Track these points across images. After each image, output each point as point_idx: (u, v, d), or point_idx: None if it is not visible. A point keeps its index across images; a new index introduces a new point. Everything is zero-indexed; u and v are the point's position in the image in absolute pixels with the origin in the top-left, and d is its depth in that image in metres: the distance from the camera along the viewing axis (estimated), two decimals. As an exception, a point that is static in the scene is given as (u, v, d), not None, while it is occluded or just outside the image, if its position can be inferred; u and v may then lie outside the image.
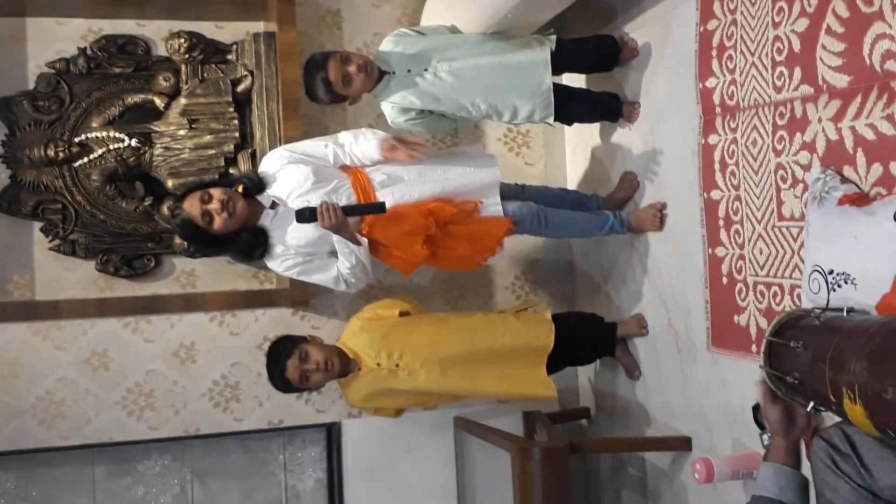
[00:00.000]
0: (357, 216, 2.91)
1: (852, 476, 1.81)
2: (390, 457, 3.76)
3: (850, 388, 1.75)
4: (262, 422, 3.71)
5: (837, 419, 1.88)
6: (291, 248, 2.98)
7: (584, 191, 3.68)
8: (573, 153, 3.94)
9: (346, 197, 2.95)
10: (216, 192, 2.85)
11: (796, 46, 2.42)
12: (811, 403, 1.94)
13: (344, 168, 3.08)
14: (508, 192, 3.25)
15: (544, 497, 2.91)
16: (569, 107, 3.30)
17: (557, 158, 4.03)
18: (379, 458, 3.75)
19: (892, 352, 1.70)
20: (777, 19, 2.50)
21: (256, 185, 2.97)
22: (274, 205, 2.97)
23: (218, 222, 2.83)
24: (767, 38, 2.55)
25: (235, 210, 2.85)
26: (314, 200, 2.89)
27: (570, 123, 3.48)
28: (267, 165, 3.03)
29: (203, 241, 2.96)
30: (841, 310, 2.02)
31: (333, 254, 3.00)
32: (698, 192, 2.92)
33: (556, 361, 3.25)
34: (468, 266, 3.20)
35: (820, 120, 2.32)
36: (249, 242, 2.95)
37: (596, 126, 3.64)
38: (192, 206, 2.83)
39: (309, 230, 2.91)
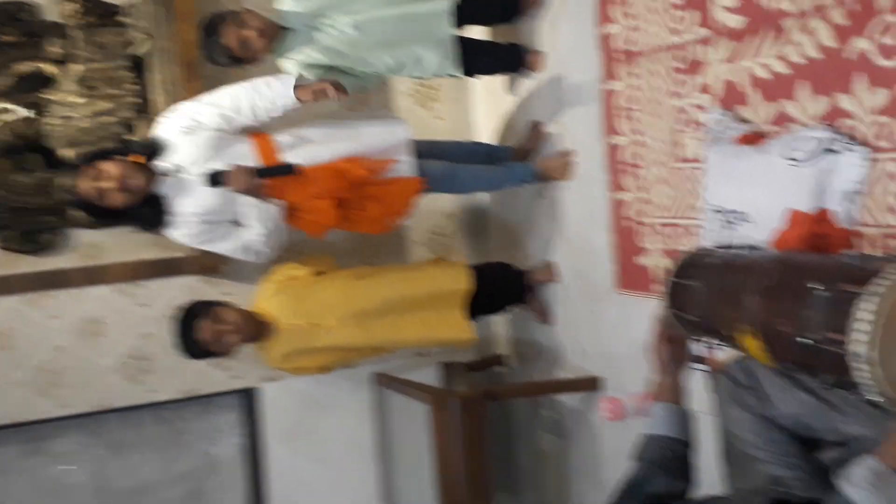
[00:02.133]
0: (266, 178, 2.86)
1: (754, 407, 1.88)
2: (310, 418, 3.76)
3: (748, 323, 1.81)
4: (177, 391, 3.65)
5: (739, 354, 1.95)
6: (193, 217, 2.90)
7: (494, 142, 3.70)
8: (482, 105, 3.95)
9: (251, 162, 2.89)
10: (109, 168, 2.74)
11: (691, -10, 2.46)
12: (713, 340, 2.02)
13: (247, 132, 3.01)
14: (419, 150, 3.23)
15: (463, 445, 2.95)
16: (474, 58, 3.28)
17: (467, 111, 4.03)
18: (299, 420, 3.75)
19: (786, 286, 1.76)
20: (671, -36, 2.53)
21: (152, 151, 2.88)
22: (172, 171, 2.88)
23: (114, 199, 2.74)
24: (663, -16, 2.58)
25: (130, 185, 2.76)
26: (217, 166, 2.83)
27: (475, 75, 3.47)
28: (164, 130, 2.93)
29: (102, 216, 2.87)
30: (739, 247, 2.09)
31: (236, 222, 2.94)
32: (602, 139, 2.96)
33: (471, 311, 3.28)
34: (380, 228, 3.18)
35: (716, 62, 2.37)
36: (149, 214, 2.86)
37: (503, 77, 3.64)
38: (85, 185, 2.73)
39: (210, 197, 2.84)
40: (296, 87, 2.92)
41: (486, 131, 3.90)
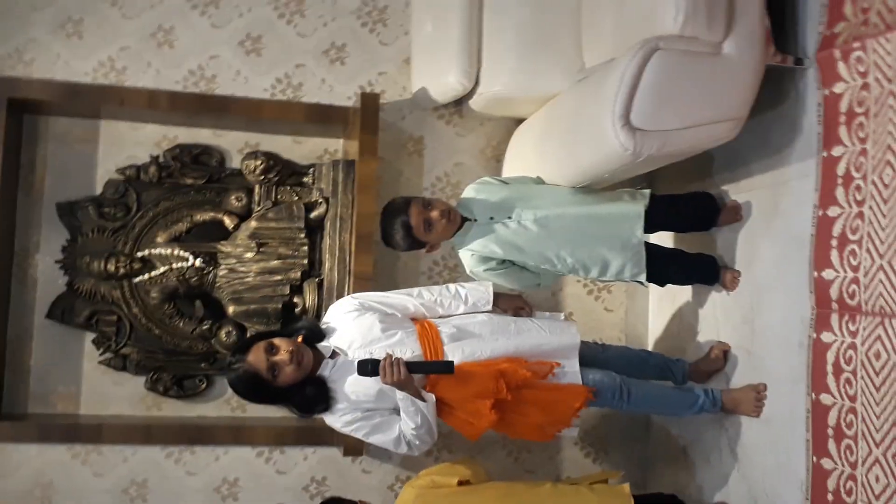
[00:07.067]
0: (422, 374, 2.70)
1: None
2: None
3: None
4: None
5: None
6: (351, 403, 2.75)
7: (665, 351, 3.42)
8: (657, 305, 3.68)
9: (410, 350, 2.74)
10: (282, 343, 2.66)
11: (938, 262, 2.16)
12: None
13: (413, 319, 2.88)
14: (588, 355, 2.98)
15: None
16: (662, 267, 3.07)
17: (640, 307, 3.77)
18: None
19: None
20: (914, 227, 2.25)
21: (317, 334, 2.80)
22: (334, 354, 2.77)
23: (286, 373, 2.63)
24: (902, 245, 2.29)
25: (303, 360, 2.66)
26: (377, 352, 2.69)
27: (662, 284, 3.21)
28: (332, 315, 2.86)
29: (264, 396, 2.75)
30: None
31: (396, 411, 2.77)
32: (805, 391, 2.63)
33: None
34: (540, 436, 2.94)
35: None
36: (313, 396, 2.73)
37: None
38: (257, 359, 2.62)
39: (370, 383, 2.70)
40: (496, 296, 2.96)
41: (657, 334, 3.62)
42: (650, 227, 3.07)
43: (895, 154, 2.34)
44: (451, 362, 2.68)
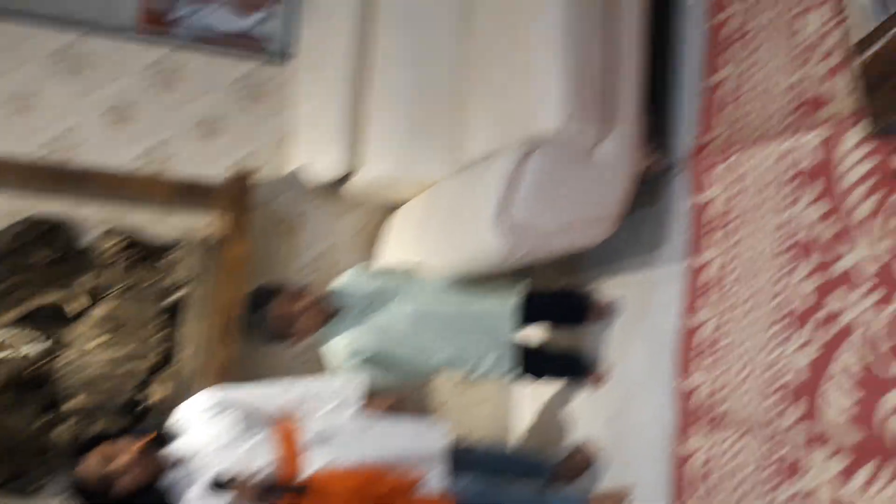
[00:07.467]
0: (274, 497, 2.55)
1: None
2: None
3: None
4: None
5: None
6: None
7: (533, 447, 3.40)
8: (527, 400, 3.62)
9: (267, 457, 2.60)
10: (120, 448, 2.45)
11: (799, 378, 2.17)
12: None
13: (273, 419, 2.73)
14: (455, 456, 2.89)
15: None
16: (532, 363, 3.04)
17: (509, 402, 3.71)
18: None
19: None
20: (773, 343, 2.26)
21: (165, 435, 2.61)
22: (178, 462, 2.58)
23: (120, 485, 2.42)
24: (764, 359, 2.30)
25: (142, 470, 2.46)
26: (229, 458, 2.54)
27: (535, 379, 3.17)
28: (185, 412, 2.67)
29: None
30: None
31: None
32: (667, 501, 2.61)
33: None
34: (401, 546, 2.81)
35: (822, 478, 2.03)
36: None
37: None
38: (88, 469, 2.40)
39: (217, 498, 2.53)
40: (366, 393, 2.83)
41: (525, 428, 3.58)
42: (525, 319, 3.05)
43: (759, 265, 2.37)
44: (305, 486, 2.58)
